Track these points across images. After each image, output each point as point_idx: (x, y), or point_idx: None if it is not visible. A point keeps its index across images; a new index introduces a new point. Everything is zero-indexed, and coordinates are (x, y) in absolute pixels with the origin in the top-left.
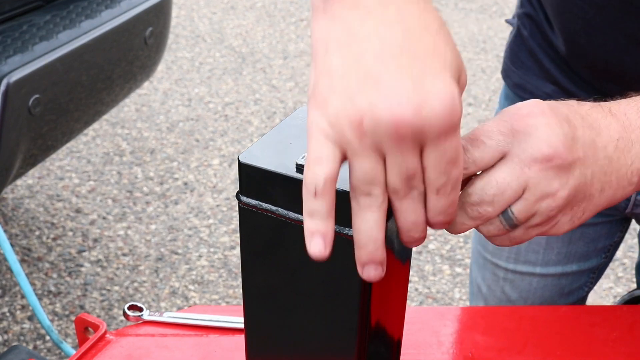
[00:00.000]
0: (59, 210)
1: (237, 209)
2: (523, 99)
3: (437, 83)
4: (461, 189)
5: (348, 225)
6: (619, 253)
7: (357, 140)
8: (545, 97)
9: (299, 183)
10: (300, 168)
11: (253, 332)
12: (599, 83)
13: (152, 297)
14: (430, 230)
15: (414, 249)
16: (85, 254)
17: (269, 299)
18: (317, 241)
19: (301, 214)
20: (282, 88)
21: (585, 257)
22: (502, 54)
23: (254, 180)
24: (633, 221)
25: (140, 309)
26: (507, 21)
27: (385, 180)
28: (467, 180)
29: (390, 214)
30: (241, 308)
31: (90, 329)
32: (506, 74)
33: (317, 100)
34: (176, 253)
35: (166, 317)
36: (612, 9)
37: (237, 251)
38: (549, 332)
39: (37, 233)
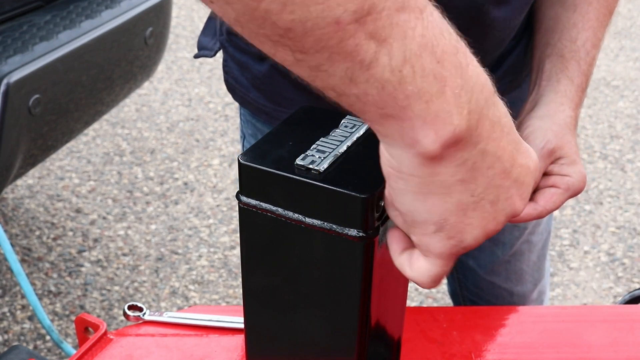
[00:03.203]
0: (59, 210)
1: (237, 209)
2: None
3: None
4: None
5: (349, 225)
6: (618, 253)
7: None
8: None
9: (298, 183)
10: (300, 168)
11: (253, 332)
12: None
13: (152, 297)
14: None
15: None
16: (86, 254)
17: (269, 299)
18: None
19: (301, 214)
20: None
21: None
22: None
23: (253, 180)
24: (630, 220)
25: (141, 309)
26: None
27: None
28: None
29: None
30: (241, 308)
31: (90, 329)
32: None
33: (451, 233)
34: (176, 253)
35: (166, 317)
36: None
37: (237, 251)
38: (549, 332)
39: (37, 233)
